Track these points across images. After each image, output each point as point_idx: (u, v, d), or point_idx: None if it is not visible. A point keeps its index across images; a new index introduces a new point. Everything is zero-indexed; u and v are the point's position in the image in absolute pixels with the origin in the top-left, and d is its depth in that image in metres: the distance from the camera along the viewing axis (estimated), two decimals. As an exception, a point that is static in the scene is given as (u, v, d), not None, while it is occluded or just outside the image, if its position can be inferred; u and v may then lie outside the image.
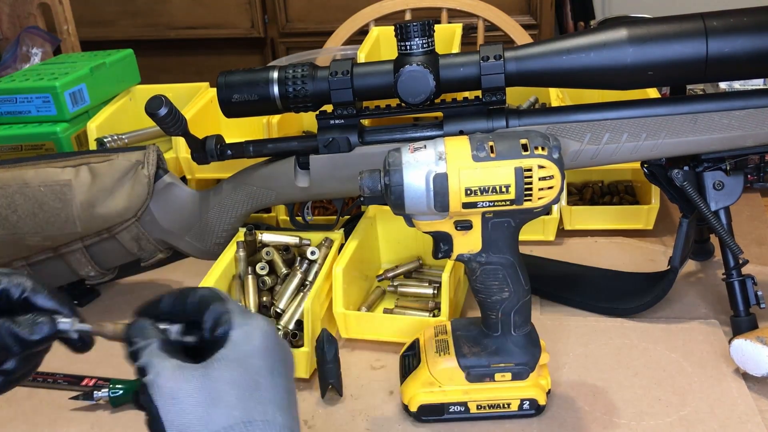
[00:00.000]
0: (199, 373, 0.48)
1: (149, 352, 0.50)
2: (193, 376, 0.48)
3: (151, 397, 0.48)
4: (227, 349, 0.49)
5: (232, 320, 0.51)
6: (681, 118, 0.76)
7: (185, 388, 0.48)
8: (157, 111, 0.78)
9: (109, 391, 0.77)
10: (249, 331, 0.50)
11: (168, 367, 0.49)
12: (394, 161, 0.63)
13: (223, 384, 0.48)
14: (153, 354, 0.50)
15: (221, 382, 0.48)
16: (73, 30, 1.78)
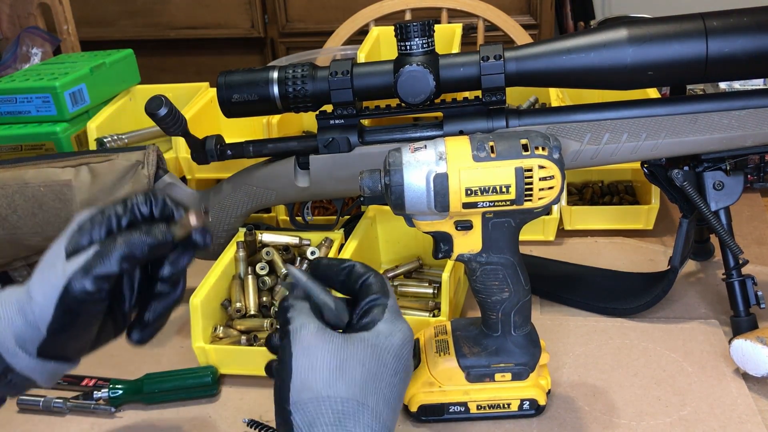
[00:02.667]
0: (339, 341, 0.52)
1: (299, 309, 0.54)
2: (332, 341, 0.51)
3: (290, 343, 0.51)
4: (370, 333, 0.53)
5: (384, 314, 0.54)
6: (681, 118, 0.76)
7: (322, 348, 0.51)
8: (157, 111, 0.78)
9: (109, 391, 0.77)
10: (394, 330, 0.54)
11: (313, 324, 0.52)
12: (395, 161, 0.63)
13: (355, 360, 0.51)
14: (303, 312, 0.54)
15: (354, 357, 0.51)
16: (73, 30, 1.78)
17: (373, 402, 0.51)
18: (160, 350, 0.87)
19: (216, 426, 0.75)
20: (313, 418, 0.49)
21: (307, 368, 0.50)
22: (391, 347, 0.53)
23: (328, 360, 0.50)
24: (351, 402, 0.50)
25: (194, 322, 0.80)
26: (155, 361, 0.85)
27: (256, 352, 0.79)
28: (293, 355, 0.51)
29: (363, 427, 0.49)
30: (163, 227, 0.55)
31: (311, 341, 0.51)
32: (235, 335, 0.84)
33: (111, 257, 0.52)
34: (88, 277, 0.52)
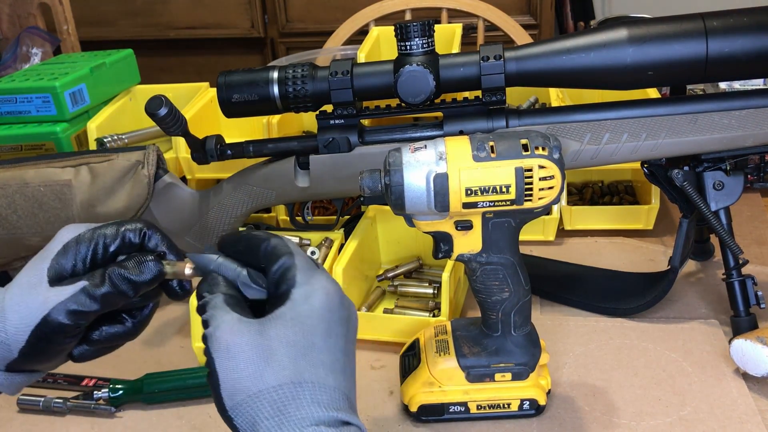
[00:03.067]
0: (254, 329, 0.49)
1: (213, 305, 0.51)
2: (249, 332, 0.48)
3: (210, 349, 0.49)
4: (286, 307, 0.49)
5: (295, 277, 0.50)
6: (681, 118, 0.76)
7: (239, 343, 0.48)
8: (157, 111, 0.78)
9: (109, 391, 0.77)
10: (310, 291, 0.50)
11: (227, 321, 0.49)
12: (395, 161, 0.63)
13: (276, 342, 0.48)
14: (217, 307, 0.50)
15: (275, 340, 0.48)
16: (73, 30, 1.78)
17: (311, 376, 0.48)
18: (160, 350, 0.87)
19: (216, 426, 0.75)
20: (252, 418, 0.47)
21: (231, 370, 0.48)
22: (313, 311, 0.49)
23: (249, 354, 0.48)
24: (285, 387, 0.47)
25: (194, 322, 0.80)
26: (155, 361, 0.85)
27: (256, 352, 0.79)
28: (215, 360, 0.48)
29: (308, 405, 0.47)
30: (153, 266, 0.53)
31: (228, 340, 0.48)
32: (235, 335, 0.83)
33: (97, 297, 0.51)
34: (70, 315, 0.51)
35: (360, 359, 0.83)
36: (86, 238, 0.53)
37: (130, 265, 0.52)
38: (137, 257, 0.53)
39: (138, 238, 0.54)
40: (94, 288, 0.51)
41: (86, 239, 0.53)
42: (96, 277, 0.52)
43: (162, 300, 0.57)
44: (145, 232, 0.54)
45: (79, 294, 0.51)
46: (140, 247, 0.54)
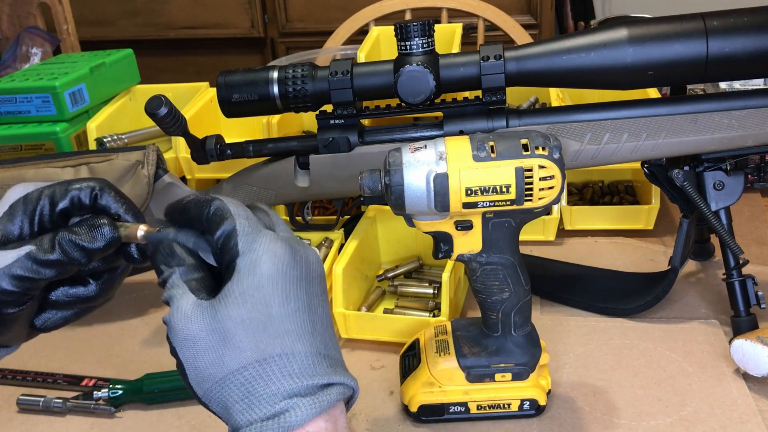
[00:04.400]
0: (207, 313, 0.46)
1: (171, 283, 0.48)
2: (203, 317, 0.46)
3: (170, 338, 0.47)
4: (233, 282, 0.46)
5: (237, 246, 0.47)
6: (681, 118, 0.76)
7: (196, 330, 0.46)
8: (157, 111, 0.78)
9: (109, 391, 0.77)
10: (255, 259, 0.46)
11: (182, 307, 0.47)
12: (395, 161, 0.63)
13: (230, 323, 0.45)
14: (174, 286, 0.48)
15: (229, 321, 0.45)
16: (73, 30, 1.78)
17: (276, 349, 0.45)
18: (160, 350, 0.87)
19: (216, 426, 0.75)
20: (223, 403, 0.45)
21: (193, 359, 0.46)
22: (262, 280, 0.46)
23: (207, 340, 0.45)
24: (249, 367, 0.45)
25: (194, 322, 0.80)
26: (155, 361, 0.85)
27: (256, 352, 0.79)
28: (177, 350, 0.47)
29: (277, 379, 0.45)
30: (107, 232, 0.49)
31: (184, 329, 0.46)
32: (235, 335, 0.83)
33: (44, 262, 0.48)
34: (15, 281, 0.47)
35: (360, 359, 0.83)
36: (33, 198, 0.50)
37: (81, 230, 0.49)
38: (90, 221, 0.49)
39: (89, 198, 0.50)
40: (42, 253, 0.48)
41: (33, 199, 0.50)
42: (44, 242, 0.48)
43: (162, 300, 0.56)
44: (96, 193, 0.51)
45: (24, 259, 0.47)
46: (92, 207, 0.51)
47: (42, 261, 0.48)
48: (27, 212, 0.50)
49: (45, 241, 0.48)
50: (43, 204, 0.50)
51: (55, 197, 0.50)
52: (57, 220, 0.51)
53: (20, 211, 0.50)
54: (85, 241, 0.48)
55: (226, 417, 0.46)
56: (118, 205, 0.51)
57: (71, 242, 0.48)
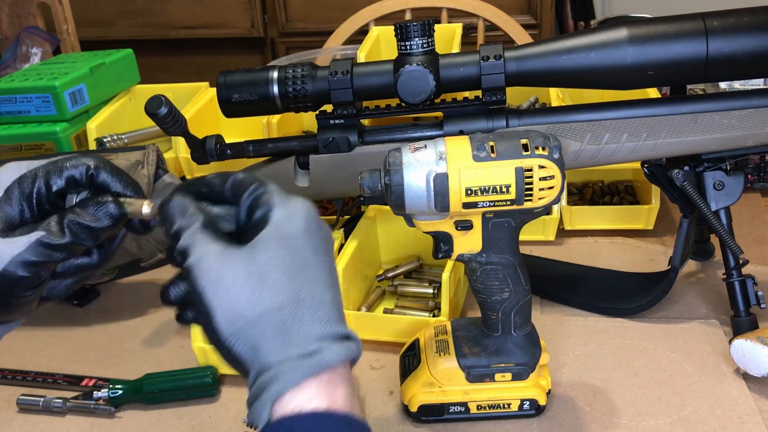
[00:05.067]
0: (244, 255, 0.47)
1: (191, 233, 0.48)
2: (239, 259, 0.47)
3: (195, 281, 0.47)
4: (270, 229, 0.48)
5: (271, 201, 0.49)
6: (681, 118, 0.76)
7: (231, 271, 0.46)
8: (157, 111, 0.78)
9: (109, 391, 0.77)
10: (291, 211, 0.49)
11: (212, 251, 0.47)
12: (395, 161, 0.63)
13: (269, 265, 0.47)
14: (195, 235, 0.48)
15: (267, 263, 0.47)
16: (73, 30, 1.78)
17: (308, 292, 0.47)
18: (160, 350, 0.87)
19: (216, 426, 0.75)
20: (255, 340, 0.46)
21: (226, 298, 0.46)
22: (298, 230, 0.48)
23: (243, 280, 0.46)
24: (286, 306, 0.46)
25: (194, 322, 0.80)
26: (155, 361, 0.85)
27: (256, 352, 0.79)
28: (204, 290, 0.46)
29: (309, 321, 0.46)
30: (114, 210, 0.50)
31: (218, 269, 0.46)
32: (235, 335, 0.83)
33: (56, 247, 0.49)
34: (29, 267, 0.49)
35: (360, 359, 0.83)
36: (29, 180, 0.51)
37: (88, 211, 0.50)
38: (95, 203, 0.50)
39: (84, 176, 0.52)
40: (52, 238, 0.49)
41: (29, 182, 0.51)
42: (53, 227, 0.49)
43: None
44: (91, 172, 0.52)
45: (36, 246, 0.49)
46: (89, 184, 0.52)
47: (53, 245, 0.49)
48: (24, 195, 0.51)
49: (53, 226, 0.50)
50: (39, 186, 0.51)
51: (50, 178, 0.51)
52: (54, 200, 0.52)
53: (17, 195, 0.51)
54: (94, 222, 0.50)
55: (253, 357, 0.46)
56: (116, 182, 0.52)
57: (80, 225, 0.49)
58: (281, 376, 0.45)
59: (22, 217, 0.51)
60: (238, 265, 0.47)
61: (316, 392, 0.45)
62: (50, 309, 0.96)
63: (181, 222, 0.49)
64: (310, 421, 0.44)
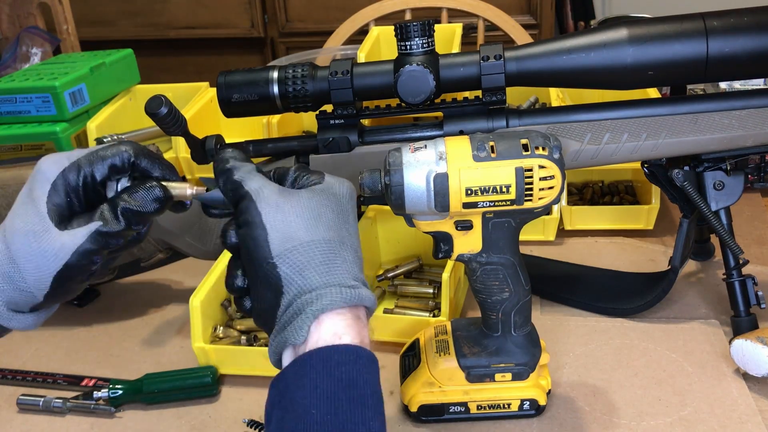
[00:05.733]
0: (303, 194, 0.53)
1: (247, 171, 0.54)
2: (298, 197, 0.52)
3: (255, 203, 0.52)
4: (324, 185, 0.54)
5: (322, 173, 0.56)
6: (681, 118, 0.76)
7: (290, 203, 0.52)
8: (157, 111, 0.77)
9: (109, 391, 0.77)
10: (339, 181, 0.56)
11: (272, 186, 0.53)
12: (395, 161, 0.63)
13: (323, 208, 0.53)
14: (251, 173, 0.54)
15: (322, 206, 0.53)
16: (73, 30, 1.78)
17: (349, 240, 0.53)
18: (160, 350, 0.87)
19: (216, 426, 0.75)
20: (302, 263, 0.50)
21: (283, 221, 0.51)
22: (344, 193, 0.55)
23: (301, 211, 0.51)
24: (333, 242, 0.51)
25: (194, 322, 0.80)
26: (155, 361, 0.85)
27: (256, 352, 0.79)
28: (262, 212, 0.51)
29: (348, 262, 0.51)
30: (161, 195, 0.55)
31: (278, 199, 0.52)
32: (234, 335, 0.84)
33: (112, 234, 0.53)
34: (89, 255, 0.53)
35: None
36: (73, 172, 0.55)
37: (137, 198, 0.54)
38: (143, 188, 0.55)
39: (126, 164, 0.56)
40: (109, 227, 0.53)
41: (74, 174, 0.55)
42: (107, 215, 0.54)
43: (162, 300, 0.57)
44: (132, 159, 0.56)
45: (95, 236, 0.53)
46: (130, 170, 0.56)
47: (111, 233, 0.53)
48: (71, 186, 0.54)
49: (108, 215, 0.54)
50: (85, 175, 0.55)
51: (94, 168, 0.55)
52: (98, 188, 0.56)
53: (64, 187, 0.54)
54: (143, 207, 0.54)
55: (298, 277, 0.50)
56: (156, 167, 0.57)
57: (132, 211, 0.54)
58: (325, 297, 0.49)
59: (71, 207, 0.54)
60: (297, 200, 0.52)
61: (351, 324, 0.49)
62: (50, 309, 0.95)
63: (234, 162, 0.55)
64: (344, 352, 0.48)
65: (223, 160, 0.55)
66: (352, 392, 0.47)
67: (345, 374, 0.47)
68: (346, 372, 0.47)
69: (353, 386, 0.47)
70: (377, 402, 0.48)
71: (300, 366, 0.48)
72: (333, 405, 0.46)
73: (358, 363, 0.48)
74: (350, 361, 0.48)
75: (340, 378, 0.47)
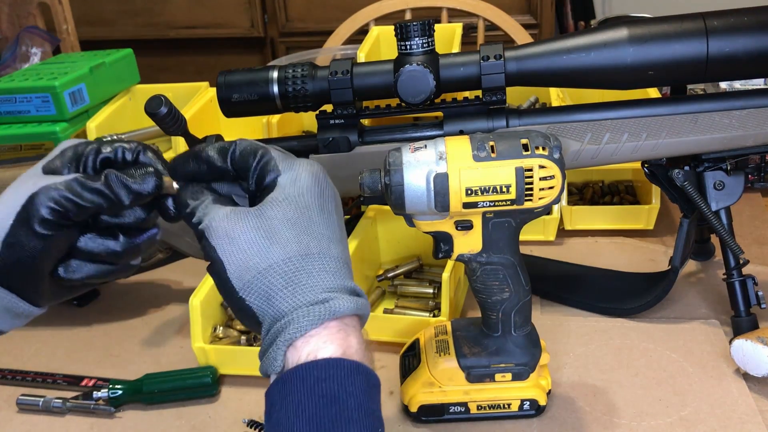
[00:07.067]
0: (253, 214, 0.50)
1: (203, 207, 0.52)
2: (247, 216, 0.50)
3: (208, 241, 0.50)
4: (277, 191, 0.51)
5: (278, 166, 0.53)
6: (682, 117, 0.76)
7: (240, 227, 0.50)
8: (156, 111, 0.78)
9: (109, 391, 0.77)
10: (296, 174, 0.52)
11: (222, 212, 0.51)
12: (395, 161, 0.63)
13: (277, 222, 0.50)
14: (207, 207, 0.52)
15: (275, 220, 0.50)
16: (73, 29, 1.78)
17: (316, 247, 0.50)
18: (159, 350, 0.87)
19: (216, 426, 0.75)
20: (265, 292, 0.48)
21: (236, 252, 0.49)
22: (303, 189, 0.52)
23: (252, 236, 0.49)
24: (293, 259, 0.49)
25: (194, 322, 0.80)
26: (155, 362, 0.85)
27: (255, 352, 0.79)
28: (216, 247, 0.50)
29: (317, 272, 0.49)
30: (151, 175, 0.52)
31: (226, 227, 0.50)
32: (234, 335, 0.84)
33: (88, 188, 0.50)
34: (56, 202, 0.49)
35: (360, 359, 0.83)
36: (83, 145, 0.54)
37: (131, 172, 0.52)
38: (136, 167, 0.53)
39: (132, 155, 0.55)
40: (87, 179, 0.50)
41: (82, 146, 0.54)
42: (90, 171, 0.53)
43: (162, 300, 0.57)
44: (139, 151, 0.55)
45: (71, 181, 0.50)
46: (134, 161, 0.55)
47: (87, 186, 0.50)
48: (75, 156, 0.53)
49: (91, 171, 0.53)
50: (91, 150, 0.54)
51: (102, 146, 0.54)
52: (99, 168, 0.54)
53: (71, 154, 0.53)
54: (131, 180, 0.52)
55: (266, 306, 0.48)
56: (158, 163, 0.55)
57: (117, 178, 0.51)
58: (293, 323, 0.47)
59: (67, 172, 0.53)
60: (247, 222, 0.50)
61: (329, 339, 0.47)
62: (50, 309, 0.95)
63: (194, 203, 0.53)
64: (323, 367, 0.46)
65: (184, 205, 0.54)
66: (334, 409, 0.46)
67: (326, 390, 0.46)
68: (327, 387, 0.46)
69: (335, 402, 0.46)
70: (363, 414, 0.47)
71: (282, 384, 0.47)
72: (315, 426, 0.45)
73: (340, 375, 0.47)
74: (330, 376, 0.46)
75: (321, 395, 0.46)
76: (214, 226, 0.50)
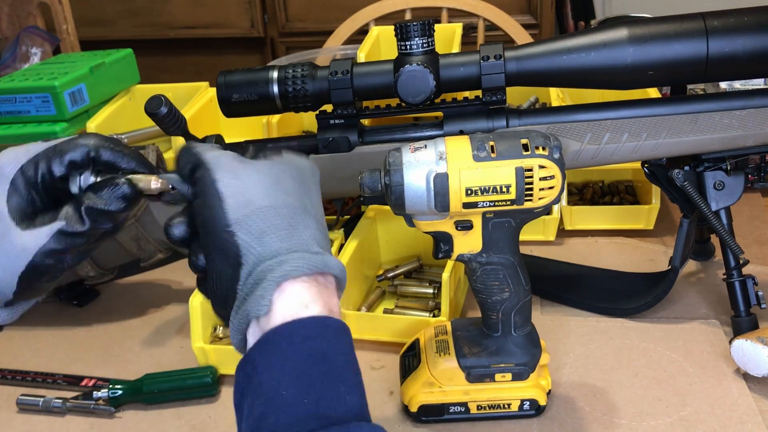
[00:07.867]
0: (261, 162, 0.51)
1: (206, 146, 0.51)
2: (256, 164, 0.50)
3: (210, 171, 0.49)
4: (284, 157, 0.53)
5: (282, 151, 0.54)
6: (682, 117, 0.76)
7: (248, 170, 0.49)
8: (156, 111, 0.78)
9: (109, 391, 0.77)
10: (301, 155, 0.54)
11: (230, 155, 0.50)
12: (395, 161, 0.63)
13: (283, 175, 0.50)
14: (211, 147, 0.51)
15: (282, 173, 0.51)
16: (73, 30, 1.78)
17: (312, 209, 0.51)
18: (160, 350, 0.87)
19: (216, 426, 0.75)
20: (261, 228, 0.47)
21: (240, 187, 0.48)
22: (304, 166, 0.53)
23: (260, 177, 0.49)
24: (296, 207, 0.49)
25: (194, 322, 0.80)
26: (155, 362, 0.85)
27: (255, 352, 0.79)
28: (218, 180, 0.48)
29: (314, 228, 0.50)
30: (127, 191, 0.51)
31: (235, 166, 0.49)
32: (234, 335, 0.83)
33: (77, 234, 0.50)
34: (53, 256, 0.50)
35: (360, 359, 0.82)
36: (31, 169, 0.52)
37: (102, 197, 0.51)
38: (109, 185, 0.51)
39: (85, 158, 0.53)
40: (73, 226, 0.50)
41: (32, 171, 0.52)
42: (71, 215, 0.51)
43: (162, 300, 0.56)
44: (92, 154, 0.53)
45: (57, 235, 0.50)
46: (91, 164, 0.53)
47: (74, 233, 0.51)
48: (30, 184, 0.52)
49: (72, 214, 0.51)
50: (42, 172, 0.52)
51: (51, 164, 0.52)
52: (60, 184, 0.53)
53: (23, 184, 0.52)
54: (109, 205, 0.51)
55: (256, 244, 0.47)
56: (121, 159, 0.53)
57: (97, 210, 0.51)
58: (287, 262, 0.46)
59: (33, 205, 0.52)
60: (255, 167, 0.50)
61: (318, 293, 0.47)
62: (50, 309, 0.96)
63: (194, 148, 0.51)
64: (311, 325, 0.46)
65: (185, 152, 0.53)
66: (324, 367, 0.44)
67: (314, 348, 0.44)
68: (315, 346, 0.44)
69: (324, 360, 0.44)
70: (352, 374, 0.46)
71: (265, 345, 0.45)
72: (304, 383, 0.43)
73: (327, 334, 0.45)
74: (319, 334, 0.45)
75: (309, 353, 0.44)
76: (222, 162, 0.49)
